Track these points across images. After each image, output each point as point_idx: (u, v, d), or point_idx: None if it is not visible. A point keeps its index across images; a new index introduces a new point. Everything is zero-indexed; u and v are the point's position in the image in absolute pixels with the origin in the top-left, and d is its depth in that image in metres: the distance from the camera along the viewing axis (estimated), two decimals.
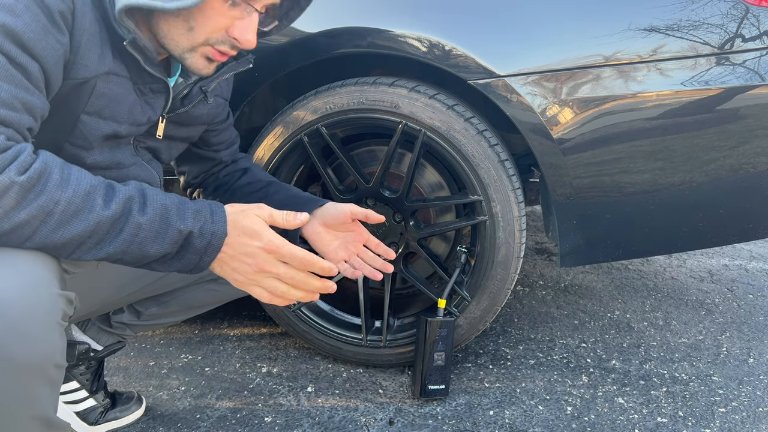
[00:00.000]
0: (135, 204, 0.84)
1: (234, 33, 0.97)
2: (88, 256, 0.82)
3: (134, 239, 0.83)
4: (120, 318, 1.35)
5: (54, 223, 0.77)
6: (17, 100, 0.78)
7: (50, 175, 0.77)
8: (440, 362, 1.46)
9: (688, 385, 1.59)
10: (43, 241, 0.78)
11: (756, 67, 1.31)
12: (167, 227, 0.85)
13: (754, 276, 2.43)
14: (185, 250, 0.88)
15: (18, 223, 0.75)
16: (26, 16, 0.79)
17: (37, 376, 0.80)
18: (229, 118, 1.32)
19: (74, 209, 0.78)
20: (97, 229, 0.80)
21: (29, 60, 0.80)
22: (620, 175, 1.39)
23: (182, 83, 1.07)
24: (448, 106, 1.42)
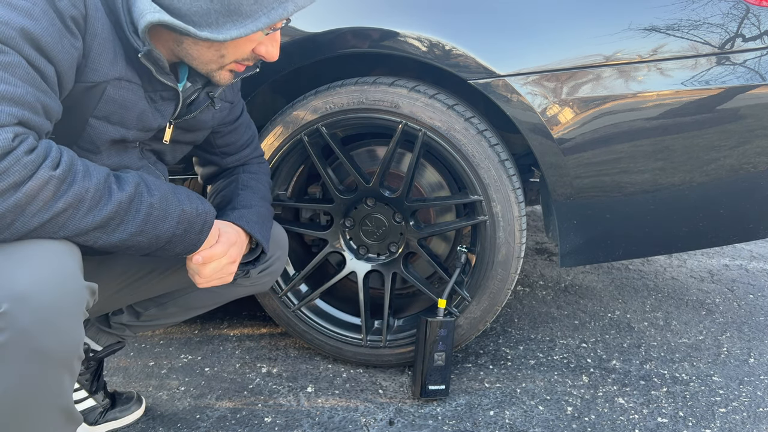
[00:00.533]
0: (143, 187, 0.91)
1: (261, 51, 1.02)
2: (114, 238, 0.88)
3: (149, 218, 0.90)
4: (119, 319, 1.35)
5: (85, 209, 0.83)
6: (39, 102, 0.82)
7: (77, 166, 0.83)
8: (440, 362, 1.46)
9: (689, 385, 1.59)
10: (77, 227, 0.84)
11: (756, 67, 1.31)
12: (173, 207, 0.94)
13: (755, 276, 2.42)
14: (188, 231, 0.97)
15: (56, 212, 0.80)
16: (44, 20, 0.81)
17: (64, 366, 0.84)
18: (239, 119, 1.31)
19: (99, 195, 0.85)
20: (119, 209, 0.87)
21: (46, 63, 0.82)
22: (620, 175, 1.38)
23: (190, 88, 1.08)
24: (448, 105, 1.42)
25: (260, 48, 1.00)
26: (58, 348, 0.81)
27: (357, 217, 1.60)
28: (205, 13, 0.90)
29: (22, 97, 0.79)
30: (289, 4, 0.93)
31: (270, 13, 0.92)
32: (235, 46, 0.98)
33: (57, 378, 0.84)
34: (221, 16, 0.91)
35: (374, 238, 1.60)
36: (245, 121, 1.33)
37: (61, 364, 0.83)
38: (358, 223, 1.60)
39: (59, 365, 0.83)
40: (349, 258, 1.62)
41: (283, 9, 0.93)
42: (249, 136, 1.35)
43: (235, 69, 1.03)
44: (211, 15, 0.91)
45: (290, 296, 1.64)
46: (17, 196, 0.76)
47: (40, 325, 0.78)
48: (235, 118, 1.30)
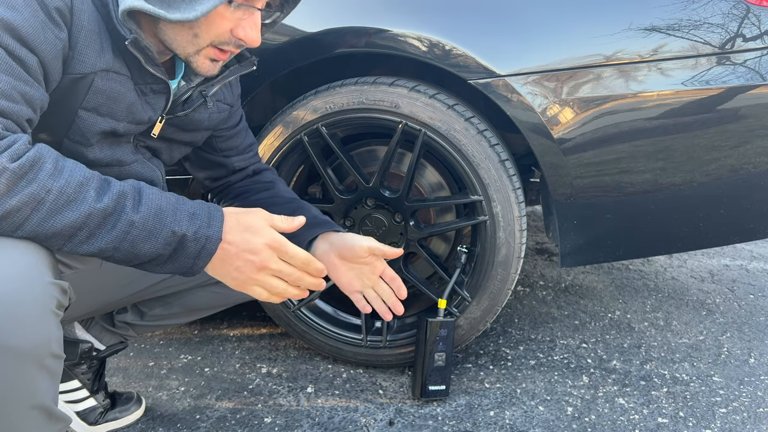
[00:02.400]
0: (128, 201, 0.84)
1: (239, 33, 0.98)
2: (81, 250, 0.83)
3: (126, 236, 0.84)
4: (123, 317, 1.35)
5: (45, 212, 0.78)
6: (16, 91, 0.80)
7: (43, 164, 0.78)
8: (441, 363, 1.46)
9: (689, 385, 1.59)
10: (34, 230, 0.79)
11: (757, 67, 1.31)
12: (161, 228, 0.86)
13: (755, 276, 2.42)
14: (178, 252, 0.88)
15: (8, 210, 0.76)
16: (25, 11, 0.81)
17: (33, 363, 0.81)
18: (239, 125, 1.30)
19: (65, 199, 0.79)
20: (88, 221, 0.81)
21: (27, 53, 0.81)
22: (621, 175, 1.38)
23: (184, 86, 1.08)
24: (448, 105, 1.42)
25: (238, 30, 0.97)
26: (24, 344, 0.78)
27: (357, 218, 1.60)
28: None
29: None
30: None
31: None
32: (208, 25, 0.95)
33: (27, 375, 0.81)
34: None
35: (374, 239, 1.59)
36: (245, 126, 1.33)
37: (30, 361, 0.80)
38: (358, 223, 1.60)
39: (28, 362, 0.80)
40: None
41: None
42: (250, 141, 1.34)
43: (215, 56, 1.00)
44: None
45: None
46: None
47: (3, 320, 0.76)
48: (236, 122, 1.29)
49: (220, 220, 0.90)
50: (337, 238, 1.16)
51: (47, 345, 0.82)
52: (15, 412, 0.82)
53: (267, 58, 1.46)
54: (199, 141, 1.23)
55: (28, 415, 0.84)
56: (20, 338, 0.78)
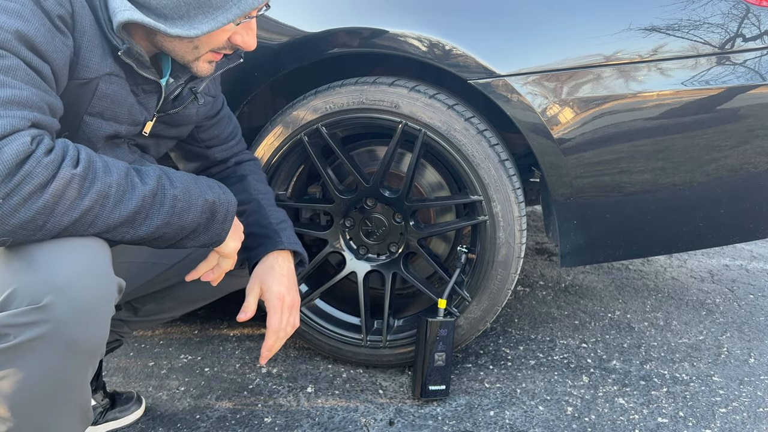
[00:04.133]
0: (165, 179, 0.91)
1: (236, 40, 1.01)
2: (140, 233, 0.88)
3: (174, 210, 0.90)
4: (117, 315, 1.35)
5: (111, 205, 0.83)
6: (44, 102, 0.82)
7: (96, 163, 0.83)
8: (441, 362, 1.46)
9: (689, 385, 1.59)
10: (105, 224, 0.84)
11: (756, 67, 1.31)
12: (197, 197, 0.94)
13: (755, 276, 2.42)
14: (211, 220, 0.97)
15: (84, 210, 0.80)
16: (34, 21, 0.82)
17: (90, 361, 0.86)
18: (220, 113, 1.31)
19: (123, 189, 0.85)
20: (144, 203, 0.87)
21: (42, 63, 0.83)
22: (621, 175, 1.38)
23: (173, 84, 1.08)
24: (448, 105, 1.42)
25: (236, 37, 0.99)
26: (90, 342, 0.83)
27: (357, 217, 1.60)
28: (175, 6, 0.90)
29: (30, 99, 0.80)
30: None
31: (240, 3, 0.92)
32: (209, 38, 0.98)
33: (82, 372, 0.86)
34: (192, 8, 0.91)
35: (374, 238, 1.60)
36: (226, 113, 1.33)
37: (88, 358, 0.85)
38: (358, 223, 1.60)
39: (87, 359, 0.85)
40: (349, 258, 1.62)
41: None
42: (232, 128, 1.35)
43: (212, 59, 1.02)
44: (182, 7, 0.90)
45: None
46: (44, 198, 0.77)
47: (77, 318, 0.80)
48: (217, 111, 1.29)
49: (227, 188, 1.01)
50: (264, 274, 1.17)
51: (103, 343, 0.87)
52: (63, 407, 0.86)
53: (266, 58, 1.46)
54: (185, 134, 1.25)
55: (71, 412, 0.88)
56: (88, 337, 0.83)
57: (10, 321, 0.78)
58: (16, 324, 0.78)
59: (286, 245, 1.19)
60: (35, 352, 0.79)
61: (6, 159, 0.74)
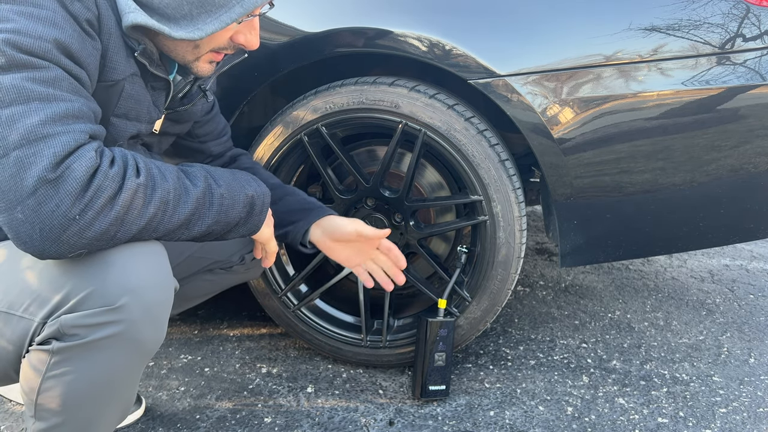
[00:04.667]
0: (210, 179, 0.93)
1: (239, 39, 1.00)
2: (194, 232, 0.91)
3: (221, 208, 0.93)
4: None
5: (171, 210, 0.85)
6: (91, 111, 0.83)
7: (152, 170, 0.85)
8: (441, 363, 1.46)
9: (689, 385, 1.59)
10: (166, 228, 0.86)
11: (757, 67, 1.31)
12: (238, 193, 0.96)
13: (755, 276, 2.42)
14: (251, 212, 1.00)
15: (150, 217, 0.83)
16: (68, 27, 0.81)
17: (148, 360, 0.89)
18: (213, 109, 1.31)
19: (179, 193, 0.87)
20: (198, 205, 0.89)
21: (80, 70, 0.83)
22: (621, 175, 1.38)
23: (181, 81, 1.08)
24: (448, 105, 1.42)
25: (239, 36, 0.99)
26: (154, 341, 0.86)
27: (357, 217, 1.59)
28: (178, 5, 0.90)
29: (81, 110, 0.80)
30: None
31: (243, 1, 0.91)
32: (211, 37, 0.97)
33: (138, 370, 0.89)
34: (194, 8, 0.90)
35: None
36: (217, 109, 1.35)
37: (148, 357, 0.88)
38: None
39: (147, 358, 0.88)
40: None
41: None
42: (224, 124, 1.36)
43: (213, 59, 1.02)
44: (184, 7, 0.90)
45: (290, 296, 1.64)
46: (116, 209, 0.78)
47: (147, 318, 0.83)
48: (212, 107, 1.30)
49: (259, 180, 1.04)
50: (328, 225, 1.25)
51: (160, 344, 0.90)
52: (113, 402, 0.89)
53: (266, 58, 1.46)
54: (185, 131, 1.25)
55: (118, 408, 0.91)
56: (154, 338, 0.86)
57: (81, 322, 0.80)
58: (86, 325, 0.80)
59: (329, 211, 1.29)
60: (103, 350, 0.82)
61: (78, 176, 0.75)
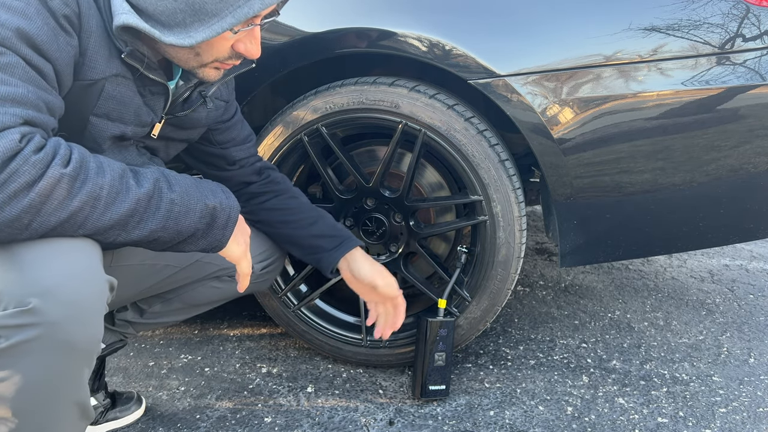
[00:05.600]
0: (163, 183, 0.90)
1: (240, 48, 1.00)
2: (133, 236, 0.87)
3: (170, 214, 0.90)
4: (123, 316, 1.35)
5: (102, 207, 0.83)
6: (41, 100, 0.82)
7: (88, 163, 0.82)
8: (441, 362, 1.46)
9: (689, 385, 1.59)
10: (95, 225, 0.83)
11: (756, 67, 1.31)
12: (196, 202, 0.93)
13: (755, 276, 2.42)
14: (211, 225, 0.96)
15: (73, 211, 0.80)
16: (38, 19, 0.81)
17: (86, 360, 0.86)
18: (234, 118, 1.31)
19: (116, 191, 0.84)
20: (137, 207, 0.86)
21: (44, 62, 0.83)
22: (621, 175, 1.38)
23: (182, 86, 1.08)
24: (448, 105, 1.42)
25: (239, 45, 0.98)
26: (84, 341, 0.83)
27: (357, 217, 1.60)
28: (171, 12, 0.89)
29: (24, 97, 0.79)
30: (255, 2, 0.90)
31: (236, 11, 0.90)
32: (209, 46, 0.96)
33: (78, 371, 0.86)
34: (187, 16, 0.89)
35: (374, 238, 1.60)
36: (240, 118, 1.34)
37: (84, 357, 0.85)
38: (358, 223, 1.60)
39: (82, 358, 0.85)
40: None
41: (248, 7, 0.90)
42: (248, 133, 1.35)
43: (218, 66, 1.02)
44: (178, 14, 0.89)
45: (290, 296, 1.64)
46: (31, 197, 0.76)
47: (69, 318, 0.80)
48: (231, 116, 1.30)
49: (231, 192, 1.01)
50: (353, 261, 1.34)
51: (98, 342, 0.87)
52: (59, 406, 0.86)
53: (267, 58, 1.46)
54: (195, 137, 1.24)
55: (68, 411, 0.88)
56: (82, 337, 0.83)
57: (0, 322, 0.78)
58: (6, 326, 0.78)
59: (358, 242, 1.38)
60: (31, 354, 0.79)
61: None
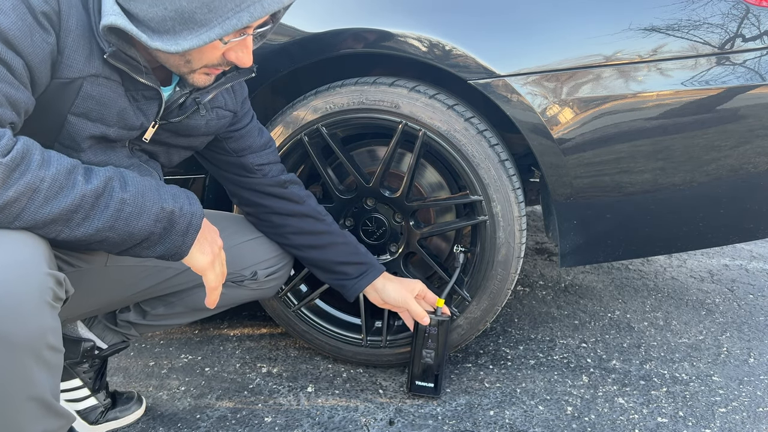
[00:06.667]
0: (116, 182, 0.89)
1: (230, 57, 0.99)
2: (78, 233, 0.86)
3: (120, 214, 0.88)
4: (126, 317, 1.35)
5: (41, 200, 0.82)
6: (2, 94, 0.82)
7: (32, 155, 0.82)
8: (429, 360, 1.46)
9: (689, 385, 1.59)
10: (33, 218, 0.82)
11: (756, 67, 1.31)
12: (151, 204, 0.91)
13: (755, 276, 2.42)
14: (169, 230, 0.94)
15: (6, 201, 0.79)
16: (12, 15, 0.82)
17: (30, 354, 0.83)
18: (248, 126, 1.29)
19: (59, 186, 0.83)
20: (82, 203, 0.85)
21: (14, 56, 0.83)
22: (620, 175, 1.38)
23: (178, 92, 1.07)
24: (448, 105, 1.42)
25: (230, 54, 0.98)
26: (20, 334, 0.80)
27: (357, 217, 1.60)
28: (161, 20, 0.89)
29: None
30: (244, 14, 0.90)
31: (224, 23, 0.90)
32: (200, 53, 0.96)
33: (23, 366, 0.83)
34: (177, 24, 0.89)
35: (374, 238, 1.60)
36: (257, 126, 1.33)
37: (26, 352, 0.82)
38: (358, 223, 1.60)
39: (24, 353, 0.82)
40: None
41: (237, 19, 0.89)
42: (266, 140, 1.34)
43: (209, 72, 1.01)
44: (167, 22, 0.89)
45: (290, 296, 1.64)
46: None
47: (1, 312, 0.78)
48: (245, 124, 1.29)
49: (196, 199, 0.99)
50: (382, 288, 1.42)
51: (43, 336, 0.83)
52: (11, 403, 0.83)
53: (267, 58, 1.46)
54: (199, 146, 1.23)
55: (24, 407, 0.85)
56: (16, 328, 0.80)
57: None
58: None
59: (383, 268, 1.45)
60: None
61: None
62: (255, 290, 1.38)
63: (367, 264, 1.42)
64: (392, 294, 1.42)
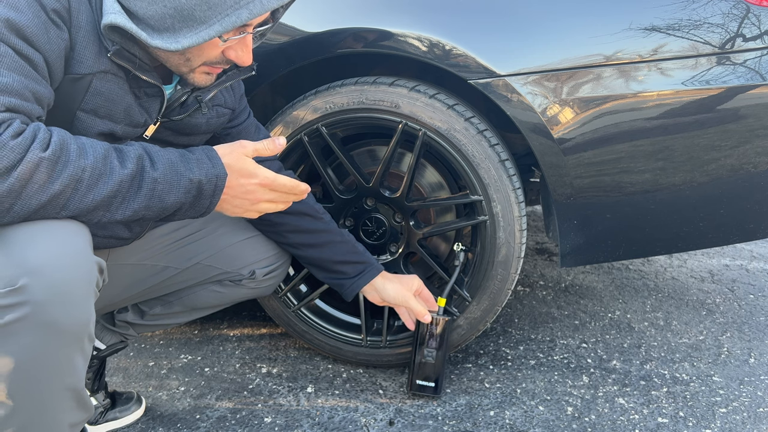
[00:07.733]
0: (146, 161, 0.90)
1: (230, 55, 1.00)
2: (118, 216, 0.88)
3: (153, 193, 0.90)
4: (124, 317, 1.35)
5: (84, 189, 0.83)
6: (27, 89, 0.83)
7: (69, 146, 0.83)
8: (430, 359, 1.46)
9: (689, 385, 1.59)
10: (78, 207, 0.84)
11: (757, 67, 1.31)
12: (179, 178, 0.92)
13: (755, 276, 2.42)
14: (198, 196, 0.95)
15: (54, 194, 0.81)
16: (28, 12, 0.83)
17: (75, 343, 0.85)
18: (245, 122, 1.30)
19: (98, 173, 0.84)
20: (120, 187, 0.86)
21: (34, 52, 0.84)
22: (621, 174, 1.38)
23: (180, 90, 1.08)
24: (448, 105, 1.42)
25: (230, 52, 0.98)
26: (71, 322, 0.83)
27: (357, 217, 1.60)
28: (161, 17, 0.90)
29: (9, 85, 0.80)
30: (243, 11, 0.90)
31: (224, 20, 0.90)
32: (200, 51, 0.97)
33: (68, 354, 0.85)
34: (176, 21, 0.90)
35: (374, 238, 1.60)
36: (253, 122, 1.33)
37: (73, 340, 0.85)
38: (358, 223, 1.60)
39: (71, 341, 0.85)
40: None
41: (236, 16, 0.90)
42: (263, 137, 1.35)
43: (209, 71, 1.02)
44: (167, 19, 0.90)
45: (290, 296, 1.64)
46: (10, 182, 0.77)
47: (55, 298, 0.80)
48: (242, 120, 1.29)
49: (219, 158, 0.97)
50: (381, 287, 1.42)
51: (88, 325, 0.86)
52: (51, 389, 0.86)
53: (266, 58, 1.46)
54: (198, 144, 1.23)
55: (62, 396, 0.87)
56: (69, 318, 0.83)
57: None
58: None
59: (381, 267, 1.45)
60: (17, 334, 0.79)
61: None
62: (253, 289, 1.38)
63: (365, 263, 1.41)
64: (392, 293, 1.41)
